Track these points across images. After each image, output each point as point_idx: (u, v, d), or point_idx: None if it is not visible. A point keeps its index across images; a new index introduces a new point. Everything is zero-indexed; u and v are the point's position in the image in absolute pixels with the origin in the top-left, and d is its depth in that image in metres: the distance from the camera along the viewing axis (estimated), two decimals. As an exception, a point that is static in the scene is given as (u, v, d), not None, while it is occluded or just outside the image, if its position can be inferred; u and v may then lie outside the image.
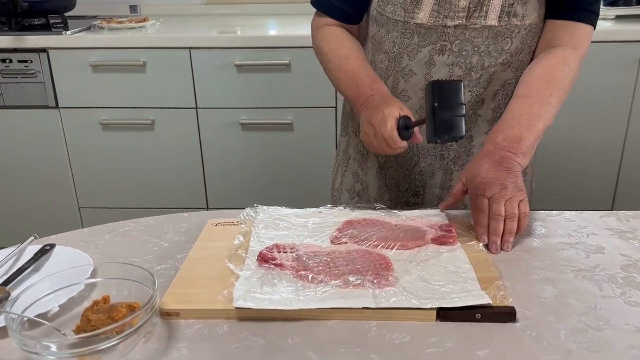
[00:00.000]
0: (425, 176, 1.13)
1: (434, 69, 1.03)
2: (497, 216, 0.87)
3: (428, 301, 0.70)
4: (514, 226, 0.87)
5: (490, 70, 1.02)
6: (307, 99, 2.01)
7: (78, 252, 0.87)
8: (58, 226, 2.23)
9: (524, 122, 0.94)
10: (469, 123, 1.07)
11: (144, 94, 2.04)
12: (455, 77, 1.02)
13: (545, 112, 0.96)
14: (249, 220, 0.96)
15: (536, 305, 0.73)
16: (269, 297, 0.72)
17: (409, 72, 1.05)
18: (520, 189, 0.90)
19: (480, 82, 1.03)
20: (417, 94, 1.06)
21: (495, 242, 0.86)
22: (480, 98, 1.05)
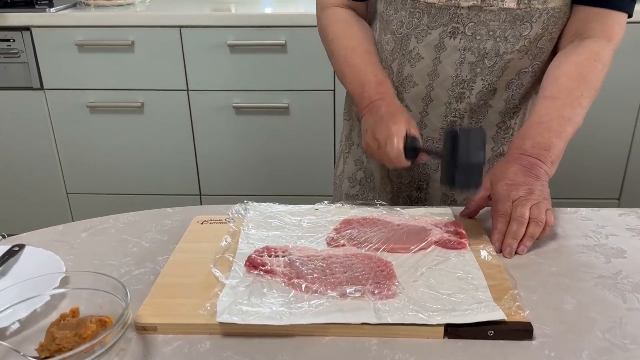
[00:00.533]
0: (429, 170, 1.05)
1: (443, 53, 0.94)
2: (520, 218, 0.79)
3: (436, 314, 0.63)
4: (538, 231, 0.79)
5: (506, 57, 0.92)
6: (304, 81, 1.92)
7: (49, 254, 0.79)
8: (45, 213, 2.15)
9: (554, 128, 0.86)
10: (478, 114, 0.99)
11: (132, 75, 1.95)
12: (467, 63, 0.93)
13: (576, 115, 0.87)
14: (238, 218, 0.88)
15: (554, 320, 0.66)
16: (257, 310, 0.64)
17: (415, 55, 0.96)
18: (546, 197, 0.82)
19: (493, 70, 0.94)
20: (424, 80, 0.97)
21: (511, 245, 0.79)
22: (493, 87, 0.96)
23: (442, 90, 0.96)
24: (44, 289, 0.66)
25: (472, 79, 0.94)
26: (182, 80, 1.94)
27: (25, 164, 2.08)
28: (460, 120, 0.99)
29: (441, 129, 1.00)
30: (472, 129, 0.83)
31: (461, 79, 0.95)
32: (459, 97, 0.96)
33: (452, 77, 0.95)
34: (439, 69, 0.95)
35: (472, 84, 0.95)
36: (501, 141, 1.02)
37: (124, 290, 0.62)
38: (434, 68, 0.95)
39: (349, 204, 0.91)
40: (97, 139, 2.04)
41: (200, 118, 1.99)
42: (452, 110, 0.98)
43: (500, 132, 1.01)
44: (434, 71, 0.95)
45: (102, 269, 0.78)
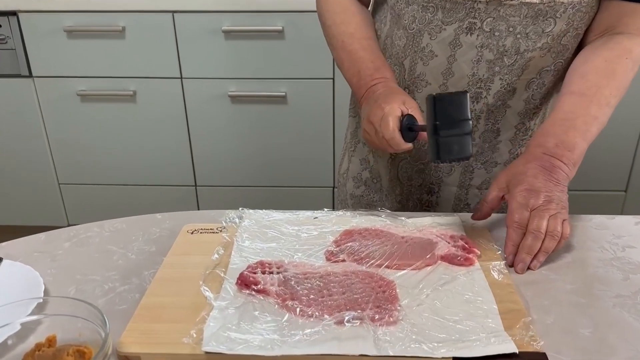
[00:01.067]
0: (441, 172, 0.99)
1: (459, 50, 0.87)
2: (537, 232, 0.73)
3: (441, 345, 0.58)
4: (553, 245, 0.74)
5: (527, 55, 0.86)
6: (302, 69, 1.84)
7: (28, 269, 0.74)
8: (37, 204, 2.10)
9: (580, 126, 0.80)
10: (496, 115, 0.92)
11: (124, 62, 1.87)
12: (485, 62, 0.87)
13: (603, 115, 0.81)
14: (232, 227, 0.83)
15: (571, 348, 0.61)
16: (246, 337, 0.59)
17: (429, 53, 0.89)
18: (564, 206, 0.76)
19: (513, 69, 0.87)
20: (437, 79, 0.90)
21: (524, 260, 0.73)
22: (512, 87, 0.89)
23: (457, 89, 0.90)
24: (17, 315, 0.60)
25: (490, 78, 0.88)
26: (175, 68, 1.87)
27: (16, 155, 2.02)
28: (476, 121, 0.93)
29: None
30: (453, 92, 0.75)
31: (478, 78, 0.88)
32: (476, 97, 0.90)
33: (468, 76, 0.88)
34: (454, 67, 0.88)
35: (490, 84, 0.88)
36: (519, 143, 0.96)
37: (103, 319, 0.57)
38: (448, 66, 0.89)
39: (350, 212, 0.85)
40: (89, 129, 1.98)
41: (194, 107, 1.92)
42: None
43: (519, 133, 0.95)
44: (449, 70, 0.89)
45: (85, 285, 0.73)
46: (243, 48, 1.83)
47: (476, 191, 0.99)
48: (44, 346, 0.58)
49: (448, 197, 1.01)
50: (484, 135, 0.94)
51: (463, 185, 0.99)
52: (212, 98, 1.90)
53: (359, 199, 1.09)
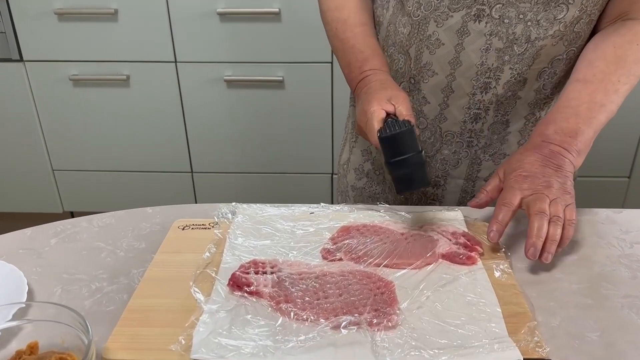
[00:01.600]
0: (448, 165, 0.95)
1: (467, 39, 0.82)
2: (540, 213, 0.69)
3: (442, 352, 0.55)
4: (558, 232, 0.69)
5: (538, 43, 0.81)
6: (300, 52, 1.80)
7: (11, 268, 0.71)
8: (31, 190, 2.07)
9: (583, 113, 0.76)
10: (505, 106, 0.88)
11: (117, 45, 1.82)
12: (494, 50, 0.82)
13: (610, 102, 0.77)
14: (224, 223, 0.80)
15: (577, 353, 0.58)
16: (238, 343, 0.57)
17: (435, 41, 0.85)
18: (568, 191, 0.72)
19: (524, 58, 0.83)
20: (445, 69, 0.86)
21: (535, 245, 0.68)
22: (523, 77, 0.85)
23: (465, 80, 0.86)
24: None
25: (500, 68, 0.84)
26: (169, 52, 1.82)
27: (8, 141, 1.98)
28: (485, 112, 0.88)
29: (463, 122, 0.90)
30: (394, 133, 0.71)
31: (487, 67, 0.84)
32: (484, 87, 0.86)
33: (476, 65, 0.84)
34: (461, 56, 0.84)
35: (500, 73, 0.84)
36: (528, 133, 0.92)
37: (86, 326, 0.54)
38: (456, 55, 0.84)
39: (348, 207, 0.82)
40: (82, 114, 1.94)
41: (189, 92, 1.88)
42: (476, 102, 0.87)
43: (529, 124, 0.91)
44: (456, 59, 0.84)
45: (72, 284, 0.71)
46: (239, 31, 1.78)
47: (483, 183, 0.95)
48: (25, 353, 0.56)
49: (454, 190, 0.97)
50: (492, 127, 0.90)
51: (470, 178, 0.95)
52: (208, 82, 1.85)
53: (361, 190, 1.05)
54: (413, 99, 0.91)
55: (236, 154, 1.97)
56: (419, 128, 0.93)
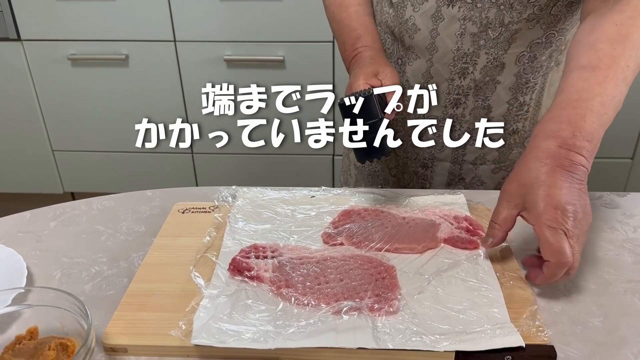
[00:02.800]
0: (434, 149, 0.94)
1: (441, 23, 0.81)
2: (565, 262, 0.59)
3: (444, 338, 0.55)
4: (560, 274, 0.61)
5: (512, 27, 0.79)
6: (300, 32, 1.77)
7: (10, 252, 0.70)
8: (31, 171, 2.06)
9: (597, 109, 0.65)
10: (485, 91, 0.87)
11: (115, 24, 1.80)
12: (469, 35, 0.80)
13: (619, 93, 0.67)
14: (225, 207, 0.79)
15: (580, 339, 0.58)
16: (238, 328, 0.56)
17: (412, 26, 0.84)
18: (587, 223, 0.62)
19: (499, 43, 0.81)
20: (424, 54, 0.85)
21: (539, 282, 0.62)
22: (500, 62, 0.83)
23: (443, 65, 0.85)
24: (-3, 305, 0.57)
25: (475, 52, 0.82)
26: (168, 30, 1.79)
27: (7, 121, 1.97)
28: (465, 98, 0.87)
29: (444, 107, 0.89)
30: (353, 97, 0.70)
31: (463, 52, 0.83)
32: (462, 73, 0.85)
33: (452, 50, 0.83)
34: (437, 41, 0.83)
35: (476, 58, 0.83)
36: (514, 119, 0.90)
37: (86, 311, 0.54)
38: (432, 41, 0.83)
39: (349, 191, 0.81)
40: (81, 94, 1.92)
41: (189, 71, 1.85)
42: (455, 87, 0.86)
43: (512, 109, 0.89)
44: (432, 45, 0.83)
45: (71, 268, 0.70)
46: (238, 9, 1.75)
47: (470, 166, 0.95)
48: (24, 339, 0.56)
49: (442, 172, 0.96)
50: (473, 112, 0.89)
51: (456, 161, 0.95)
52: (207, 62, 1.83)
53: (362, 169, 1.05)
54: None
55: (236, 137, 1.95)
56: (406, 111, 0.91)
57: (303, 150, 1.96)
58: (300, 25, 1.76)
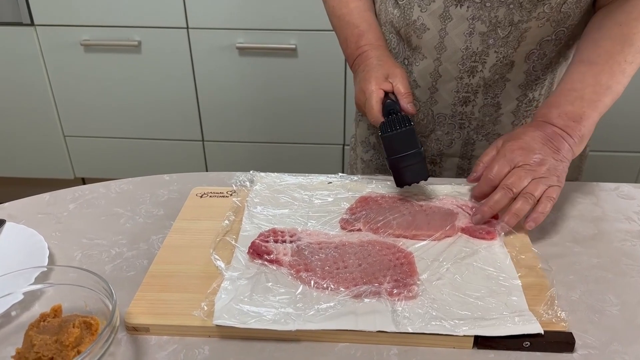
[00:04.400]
0: (442, 145, 0.94)
1: (450, 23, 0.81)
2: (507, 189, 0.69)
3: (463, 323, 0.55)
4: (525, 208, 0.68)
5: (522, 26, 0.79)
6: (312, 20, 1.77)
7: (32, 233, 0.71)
8: (43, 157, 2.07)
9: (588, 96, 0.74)
10: (494, 88, 0.87)
11: (128, 10, 1.80)
12: (478, 34, 0.80)
13: (616, 83, 0.74)
14: (243, 191, 0.79)
15: (598, 327, 0.58)
16: (259, 310, 0.57)
17: (420, 26, 0.83)
18: (557, 174, 0.70)
19: (508, 41, 0.81)
20: (432, 53, 0.85)
21: (483, 213, 0.69)
22: (509, 60, 0.83)
23: (451, 64, 0.85)
24: (20, 284, 0.58)
25: (484, 51, 0.82)
26: (181, 17, 1.79)
27: (20, 106, 1.98)
28: (474, 95, 0.87)
29: (453, 105, 0.89)
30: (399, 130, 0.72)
31: (472, 51, 0.82)
32: (471, 71, 0.85)
33: (461, 50, 0.83)
34: (445, 41, 0.83)
35: (485, 57, 0.83)
36: (523, 114, 0.90)
37: (110, 290, 0.55)
38: (440, 40, 0.83)
39: (366, 178, 0.82)
40: (94, 80, 1.92)
41: (201, 59, 1.86)
42: (464, 85, 0.86)
43: (522, 105, 0.89)
44: (441, 44, 0.83)
45: (92, 249, 0.71)
46: (252, -3, 1.75)
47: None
48: (49, 316, 0.56)
49: (450, 167, 0.97)
50: (483, 109, 0.89)
51: (465, 156, 0.95)
52: (220, 49, 1.83)
53: (368, 163, 1.05)
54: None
55: (247, 123, 1.96)
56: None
57: (313, 140, 1.97)
58: (313, 14, 1.76)
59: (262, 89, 1.89)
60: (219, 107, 1.94)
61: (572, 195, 0.82)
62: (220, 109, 1.94)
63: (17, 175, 2.13)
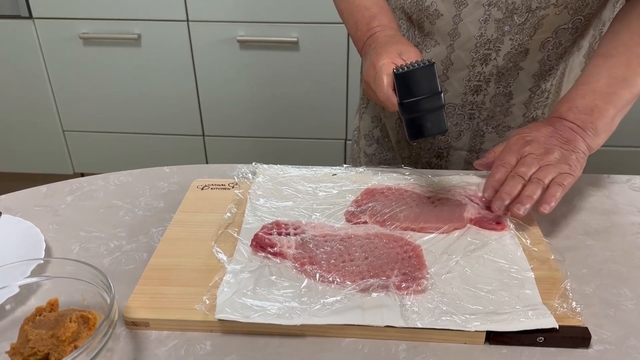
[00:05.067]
0: (450, 137, 0.92)
1: (465, 9, 0.79)
2: (517, 176, 0.67)
3: (474, 317, 0.53)
4: (537, 192, 0.66)
5: (539, 13, 0.77)
6: (315, 12, 1.74)
7: (29, 225, 0.69)
8: (41, 152, 2.06)
9: (601, 89, 0.72)
10: (507, 77, 0.84)
11: (128, 3, 1.77)
12: (493, 21, 0.78)
13: (634, 75, 0.72)
14: (245, 183, 0.77)
15: (613, 321, 0.56)
16: (263, 304, 0.55)
17: (434, 12, 0.81)
18: (567, 163, 0.68)
19: (524, 29, 0.79)
20: (445, 39, 0.83)
21: (503, 199, 0.66)
22: (524, 48, 0.81)
23: (464, 51, 0.82)
24: (15, 277, 0.56)
25: (499, 39, 0.80)
26: (181, 10, 1.77)
27: (18, 100, 1.96)
28: (486, 84, 0.85)
29: (464, 94, 0.87)
30: (414, 68, 0.65)
31: (486, 38, 0.80)
32: (484, 59, 0.82)
33: (475, 37, 0.80)
34: (460, 27, 0.80)
35: (499, 44, 0.80)
36: (535, 106, 0.88)
37: (108, 283, 0.53)
38: (454, 27, 0.81)
39: (372, 169, 0.80)
40: (93, 74, 1.90)
41: (201, 52, 1.83)
42: (476, 74, 0.84)
43: (534, 96, 0.87)
44: (455, 30, 0.81)
45: (90, 242, 0.69)
46: (253, -11, 1.73)
47: None
48: (45, 310, 0.54)
49: (457, 162, 0.94)
50: (494, 99, 0.87)
51: (473, 150, 0.93)
52: (220, 43, 1.81)
53: (372, 157, 1.03)
54: None
55: (248, 118, 1.94)
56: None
57: (314, 134, 1.95)
58: (314, 6, 1.73)
59: (263, 82, 1.87)
60: (219, 102, 1.91)
61: (583, 187, 0.80)
62: (221, 103, 1.92)
63: (16, 171, 2.11)
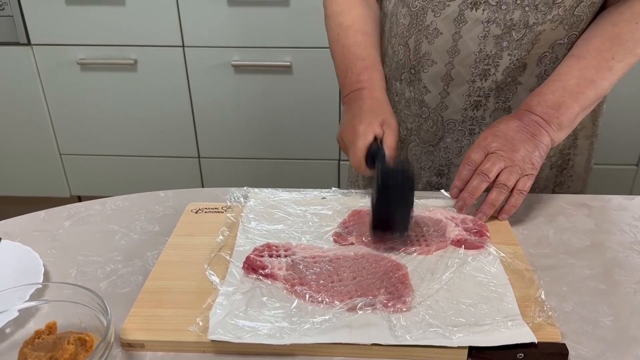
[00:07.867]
0: (451, 154, 0.95)
1: (464, 27, 0.82)
2: (482, 175, 0.73)
3: (458, 330, 0.56)
4: (499, 199, 0.73)
5: (536, 28, 0.81)
6: (308, 37, 1.79)
7: (27, 250, 0.71)
8: (39, 174, 2.08)
9: (570, 88, 0.78)
10: (506, 92, 0.88)
11: (124, 29, 1.82)
12: (492, 37, 0.82)
13: (602, 79, 0.78)
14: (237, 207, 0.80)
15: (591, 338, 0.58)
16: (254, 325, 0.57)
17: (433, 31, 0.85)
18: (531, 162, 0.75)
19: (522, 44, 0.82)
20: (443, 57, 0.86)
21: (465, 200, 0.73)
22: (522, 63, 0.84)
23: (464, 67, 0.86)
24: (15, 301, 0.58)
25: (498, 54, 0.83)
26: (177, 35, 1.81)
27: (16, 125, 1.99)
28: (485, 100, 0.88)
29: (464, 110, 0.90)
30: (400, 177, 0.68)
31: (485, 54, 0.84)
32: (483, 74, 0.86)
33: (474, 52, 0.84)
34: (459, 44, 0.84)
35: (498, 60, 0.84)
36: None
37: (105, 306, 0.55)
38: (454, 44, 0.84)
39: (359, 192, 0.82)
40: (90, 99, 1.93)
41: (197, 77, 1.87)
42: (476, 89, 0.87)
43: None
44: (454, 47, 0.84)
45: (87, 266, 0.71)
46: (247, 15, 1.77)
47: None
48: (43, 333, 0.56)
49: None
50: (494, 114, 0.90)
51: None
52: (215, 67, 1.85)
53: (370, 180, 1.05)
54: (414, 88, 0.92)
55: (243, 140, 1.97)
56: (422, 118, 0.93)
57: (308, 155, 1.98)
58: (307, 31, 1.78)
59: (257, 106, 1.91)
60: (214, 125, 1.95)
61: (565, 207, 0.82)
62: (216, 126, 1.95)
63: (13, 194, 2.13)
